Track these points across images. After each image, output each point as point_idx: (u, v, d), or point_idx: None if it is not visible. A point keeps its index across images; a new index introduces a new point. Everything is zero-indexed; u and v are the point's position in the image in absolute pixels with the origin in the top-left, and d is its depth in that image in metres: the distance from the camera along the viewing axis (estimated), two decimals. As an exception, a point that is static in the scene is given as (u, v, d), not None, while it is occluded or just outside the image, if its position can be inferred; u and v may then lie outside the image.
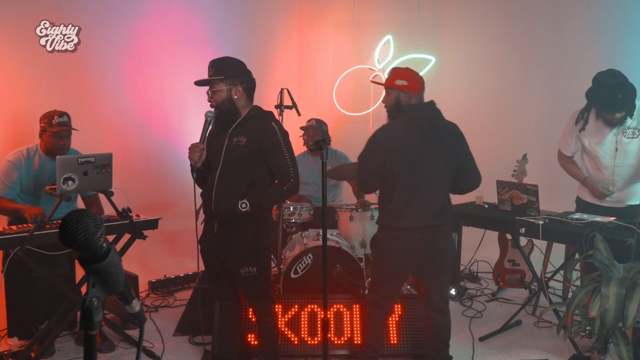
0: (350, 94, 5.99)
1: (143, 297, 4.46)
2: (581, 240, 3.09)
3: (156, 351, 3.44)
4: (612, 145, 3.46)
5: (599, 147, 3.51)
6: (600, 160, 3.54)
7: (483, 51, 5.60)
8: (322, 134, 4.62)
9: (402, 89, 2.90)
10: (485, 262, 4.82)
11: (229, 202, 2.66)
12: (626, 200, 3.55)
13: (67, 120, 3.41)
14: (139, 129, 4.95)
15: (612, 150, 3.47)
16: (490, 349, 3.55)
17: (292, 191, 2.73)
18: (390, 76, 2.97)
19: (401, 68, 3.03)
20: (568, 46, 5.13)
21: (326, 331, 2.59)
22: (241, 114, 2.74)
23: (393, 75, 2.96)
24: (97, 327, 1.21)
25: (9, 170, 3.35)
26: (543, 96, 5.35)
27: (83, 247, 1.17)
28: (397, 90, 2.91)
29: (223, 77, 2.67)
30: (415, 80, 2.93)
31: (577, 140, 3.62)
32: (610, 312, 2.80)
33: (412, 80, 2.92)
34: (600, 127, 3.49)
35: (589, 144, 3.55)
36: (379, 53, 5.76)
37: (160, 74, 5.00)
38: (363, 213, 4.16)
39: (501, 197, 3.73)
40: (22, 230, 3.01)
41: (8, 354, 3.28)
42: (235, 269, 2.75)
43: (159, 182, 5.07)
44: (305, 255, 3.79)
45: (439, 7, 5.82)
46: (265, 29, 5.90)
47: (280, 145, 2.70)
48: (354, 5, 5.89)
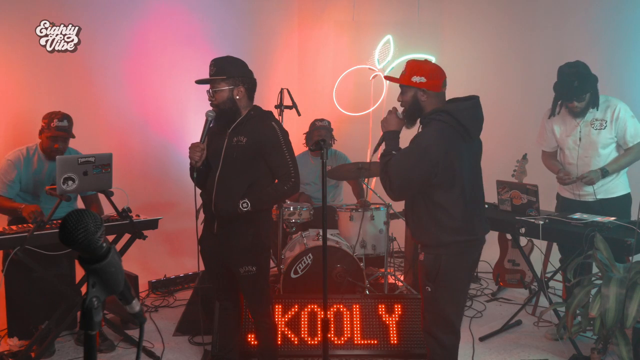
0: (350, 94, 6.00)
1: (143, 297, 4.46)
2: (581, 240, 3.09)
3: (156, 351, 3.44)
4: (576, 136, 3.54)
5: (567, 138, 3.60)
6: (567, 151, 3.62)
7: (483, 51, 5.60)
8: (330, 136, 4.64)
9: (419, 86, 2.49)
10: (485, 262, 4.82)
11: (229, 202, 2.66)
12: (597, 195, 3.56)
13: (67, 125, 3.42)
14: (139, 129, 4.95)
15: (577, 140, 3.55)
16: (490, 349, 3.56)
17: (292, 191, 2.73)
18: (406, 71, 2.54)
19: (418, 61, 2.58)
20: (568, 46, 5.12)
21: (326, 331, 2.59)
22: (241, 114, 2.74)
23: (409, 70, 2.53)
24: (97, 327, 1.21)
25: (8, 169, 3.36)
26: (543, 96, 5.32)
27: (83, 247, 1.17)
28: (413, 89, 2.51)
29: (225, 77, 2.67)
30: (435, 75, 2.51)
31: (552, 133, 3.68)
32: (610, 312, 2.79)
33: (432, 76, 2.50)
34: (567, 119, 3.58)
35: (560, 135, 3.63)
36: (379, 53, 5.77)
37: (161, 74, 5.00)
38: (363, 213, 4.17)
39: (501, 197, 3.73)
40: (22, 230, 3.01)
41: (8, 354, 3.28)
42: (235, 268, 2.75)
43: (159, 182, 5.07)
44: (305, 255, 3.79)
45: (439, 7, 5.82)
46: (265, 29, 5.90)
47: (281, 145, 2.70)
48: (354, 6, 5.89)
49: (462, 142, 2.48)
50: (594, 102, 3.44)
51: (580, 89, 3.37)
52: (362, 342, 3.35)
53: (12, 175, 3.35)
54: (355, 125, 5.89)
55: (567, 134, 3.59)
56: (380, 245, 4.19)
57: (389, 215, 4.22)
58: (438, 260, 2.48)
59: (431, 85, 2.49)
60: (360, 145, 5.86)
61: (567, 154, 3.63)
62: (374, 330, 3.38)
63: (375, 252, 4.20)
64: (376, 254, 4.22)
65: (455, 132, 2.46)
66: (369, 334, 3.37)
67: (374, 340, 3.36)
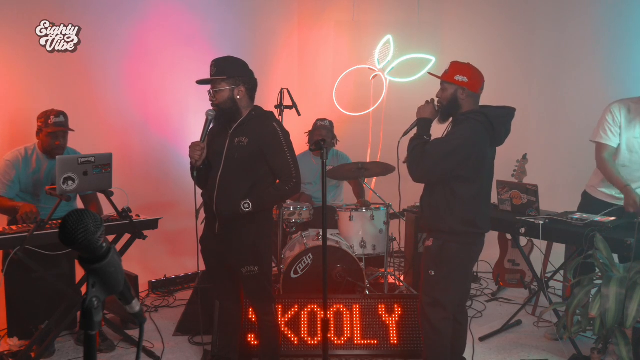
0: (350, 94, 6.00)
1: (143, 297, 4.46)
2: (581, 240, 3.09)
3: (156, 351, 3.44)
4: None
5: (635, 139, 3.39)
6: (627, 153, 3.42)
7: (483, 51, 5.58)
8: (332, 135, 4.63)
9: (461, 85, 2.71)
10: (485, 262, 4.82)
11: (230, 203, 2.66)
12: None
13: (64, 120, 3.41)
14: (139, 129, 4.95)
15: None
16: (490, 349, 3.55)
17: (294, 191, 2.73)
18: (450, 70, 2.77)
19: (462, 63, 2.79)
20: (568, 46, 5.13)
21: (326, 331, 2.59)
22: (242, 114, 2.74)
23: (453, 70, 2.76)
24: (97, 327, 1.21)
25: (7, 169, 3.36)
26: (543, 96, 5.35)
27: (83, 247, 1.17)
28: (455, 86, 2.72)
29: (226, 77, 2.67)
30: (477, 77, 2.74)
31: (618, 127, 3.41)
32: (610, 312, 2.80)
33: (473, 77, 2.73)
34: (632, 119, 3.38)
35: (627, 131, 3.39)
36: (379, 53, 5.77)
37: (161, 74, 5.00)
38: (363, 213, 4.17)
39: (501, 197, 3.73)
40: (22, 230, 3.01)
41: (8, 354, 3.28)
42: (237, 268, 2.75)
43: (159, 182, 5.07)
44: (305, 255, 3.79)
45: (439, 7, 5.82)
46: (265, 29, 5.90)
47: (282, 146, 2.70)
48: (354, 5, 5.89)
49: (488, 144, 2.71)
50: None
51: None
52: (362, 342, 3.35)
53: (11, 175, 3.35)
54: (355, 125, 5.89)
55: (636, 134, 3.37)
56: (380, 245, 4.19)
57: (389, 215, 4.22)
58: (447, 247, 2.71)
59: (472, 85, 2.72)
60: (360, 145, 5.86)
61: (627, 156, 3.41)
62: (374, 330, 3.38)
63: (375, 252, 4.20)
64: (376, 254, 4.22)
65: (487, 134, 2.68)
66: (369, 334, 3.37)
67: (374, 340, 3.36)
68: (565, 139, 5.14)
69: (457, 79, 2.71)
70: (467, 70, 2.73)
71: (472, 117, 2.68)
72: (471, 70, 2.75)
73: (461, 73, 2.72)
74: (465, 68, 2.75)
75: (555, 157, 3.86)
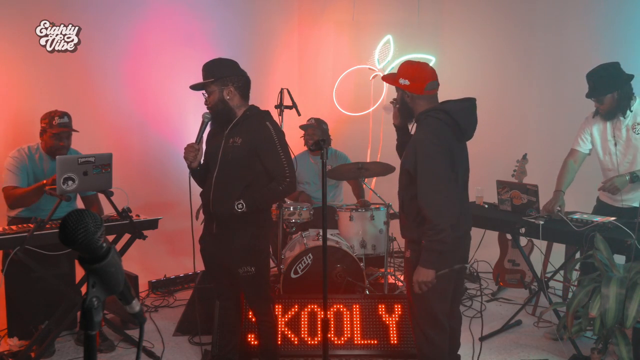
0: (350, 94, 6.00)
1: (143, 297, 4.46)
2: (581, 240, 3.09)
3: (156, 351, 3.44)
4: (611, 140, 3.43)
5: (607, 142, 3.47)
6: (606, 156, 3.50)
7: (483, 51, 5.60)
8: (321, 133, 4.62)
9: (403, 88, 2.55)
10: (485, 262, 4.82)
11: (225, 203, 2.67)
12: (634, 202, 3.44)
13: (68, 121, 3.42)
14: (139, 129, 4.95)
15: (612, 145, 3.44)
16: (490, 349, 3.55)
17: (288, 191, 2.73)
18: (397, 72, 2.59)
19: (408, 63, 2.60)
20: (568, 46, 5.12)
21: (326, 331, 2.59)
22: (236, 114, 2.75)
23: (398, 72, 2.58)
24: (97, 327, 1.20)
25: (15, 163, 3.37)
26: (543, 96, 5.35)
27: (83, 247, 1.17)
28: (400, 90, 2.58)
29: (213, 80, 2.68)
30: (419, 78, 2.52)
31: (589, 134, 3.54)
32: (610, 312, 2.79)
33: (415, 79, 2.52)
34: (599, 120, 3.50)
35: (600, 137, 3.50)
36: (379, 53, 5.77)
37: (160, 74, 5.00)
38: (363, 213, 4.17)
39: (501, 197, 3.73)
40: (22, 230, 3.01)
41: (8, 354, 3.28)
42: (234, 268, 2.76)
43: (158, 182, 5.07)
44: (305, 255, 3.79)
45: (439, 7, 5.82)
46: (265, 29, 5.90)
47: (275, 145, 2.70)
48: (354, 5, 5.89)
49: (456, 141, 2.53)
50: (621, 106, 3.31)
51: (595, 91, 3.32)
52: (362, 342, 3.35)
53: (20, 167, 3.36)
54: (355, 125, 5.90)
55: (607, 137, 3.45)
56: (380, 245, 4.19)
57: (389, 215, 4.23)
58: None
59: (413, 88, 2.53)
60: (360, 145, 5.86)
61: (607, 160, 3.50)
62: (374, 330, 3.38)
63: (375, 252, 4.20)
64: (376, 254, 4.22)
65: (451, 131, 2.50)
66: (369, 334, 3.37)
67: (374, 340, 3.36)
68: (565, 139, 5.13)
69: (400, 82, 2.54)
70: (409, 72, 2.54)
71: (431, 115, 2.48)
72: (413, 70, 2.54)
73: (404, 76, 2.54)
74: (408, 69, 2.56)
75: (555, 157, 3.85)
